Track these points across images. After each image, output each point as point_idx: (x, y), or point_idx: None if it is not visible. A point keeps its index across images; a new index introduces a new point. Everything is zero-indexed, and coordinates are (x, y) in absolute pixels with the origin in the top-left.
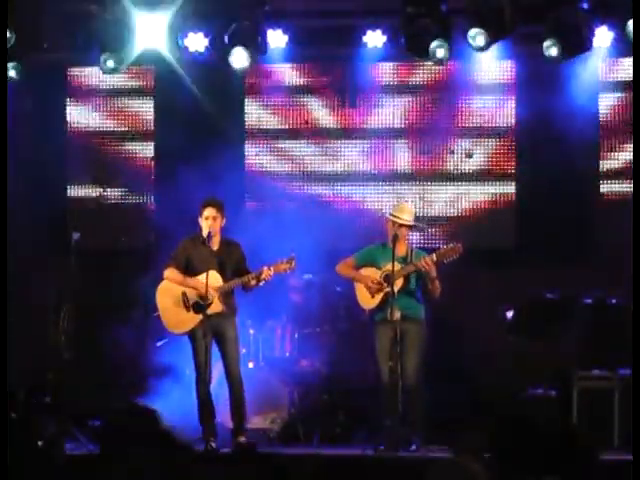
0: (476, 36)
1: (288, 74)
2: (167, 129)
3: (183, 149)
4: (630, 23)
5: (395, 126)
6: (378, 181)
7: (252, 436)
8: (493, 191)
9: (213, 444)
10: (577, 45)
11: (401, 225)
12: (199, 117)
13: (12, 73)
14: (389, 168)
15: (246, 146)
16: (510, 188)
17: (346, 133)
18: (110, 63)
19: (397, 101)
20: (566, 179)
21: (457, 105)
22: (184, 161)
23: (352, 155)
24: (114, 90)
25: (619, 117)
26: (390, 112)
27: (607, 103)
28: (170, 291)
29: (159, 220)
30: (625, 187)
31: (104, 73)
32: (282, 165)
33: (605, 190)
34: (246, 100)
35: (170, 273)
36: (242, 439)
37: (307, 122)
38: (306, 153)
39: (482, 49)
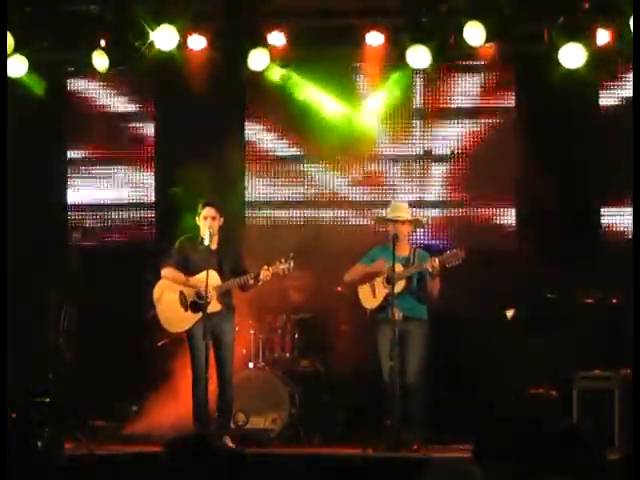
0: (472, 32)
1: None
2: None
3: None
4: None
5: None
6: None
7: (248, 436)
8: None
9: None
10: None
11: (402, 223)
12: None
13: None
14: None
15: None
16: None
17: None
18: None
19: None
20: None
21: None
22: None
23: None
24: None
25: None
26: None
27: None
28: (168, 290)
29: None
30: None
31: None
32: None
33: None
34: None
35: (168, 272)
36: (228, 441)
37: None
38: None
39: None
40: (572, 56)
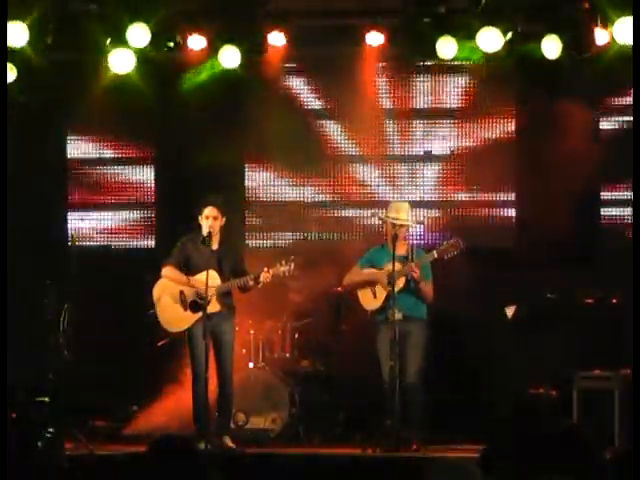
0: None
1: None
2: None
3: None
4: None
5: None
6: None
7: (248, 436)
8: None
9: (208, 445)
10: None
11: (402, 226)
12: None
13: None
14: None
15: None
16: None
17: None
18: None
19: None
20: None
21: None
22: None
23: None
24: None
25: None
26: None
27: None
28: (167, 289)
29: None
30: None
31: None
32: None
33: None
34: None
35: (168, 271)
36: (228, 441)
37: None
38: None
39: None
40: (551, 48)
